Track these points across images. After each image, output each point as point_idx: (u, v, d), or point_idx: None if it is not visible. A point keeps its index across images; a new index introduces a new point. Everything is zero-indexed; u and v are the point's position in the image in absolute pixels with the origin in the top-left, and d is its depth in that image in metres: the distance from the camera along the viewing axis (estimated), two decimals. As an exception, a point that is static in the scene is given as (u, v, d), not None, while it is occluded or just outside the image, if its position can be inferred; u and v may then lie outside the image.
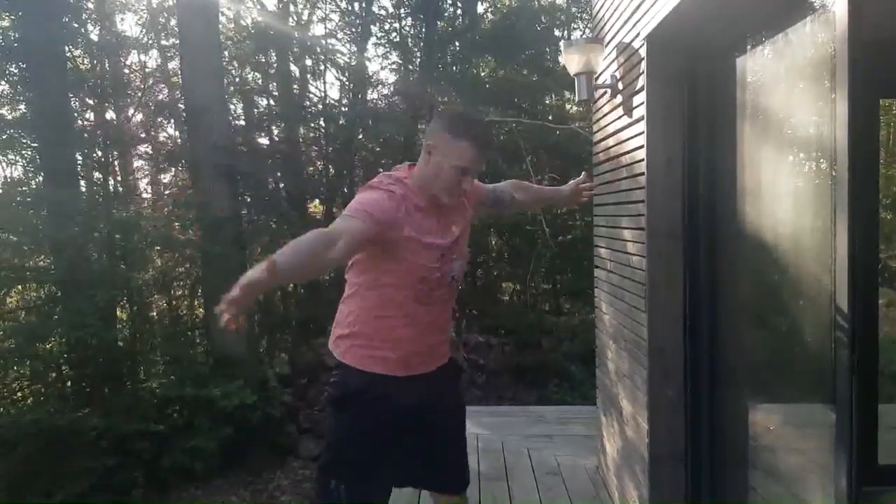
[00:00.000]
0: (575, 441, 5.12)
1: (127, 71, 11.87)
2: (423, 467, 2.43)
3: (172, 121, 11.78)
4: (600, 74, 3.71)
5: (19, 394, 9.00)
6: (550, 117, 12.01)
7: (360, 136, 12.20)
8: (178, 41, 10.49)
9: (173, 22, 11.30)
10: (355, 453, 2.27)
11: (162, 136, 12.37)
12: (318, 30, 13.91)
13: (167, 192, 12.41)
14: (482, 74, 13.00)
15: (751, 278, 2.69)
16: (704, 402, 2.94)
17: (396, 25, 13.37)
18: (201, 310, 11.16)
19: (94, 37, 10.90)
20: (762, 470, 2.63)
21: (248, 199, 11.00)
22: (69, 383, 9.01)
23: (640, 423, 3.21)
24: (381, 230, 2.07)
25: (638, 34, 3.02)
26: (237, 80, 12.22)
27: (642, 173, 3.02)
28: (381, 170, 10.91)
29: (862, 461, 1.96)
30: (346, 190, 12.35)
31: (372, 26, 13.06)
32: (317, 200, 12.51)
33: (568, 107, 13.54)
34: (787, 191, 2.44)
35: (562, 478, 4.43)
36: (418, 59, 12.89)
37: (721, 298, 2.84)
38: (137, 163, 12.76)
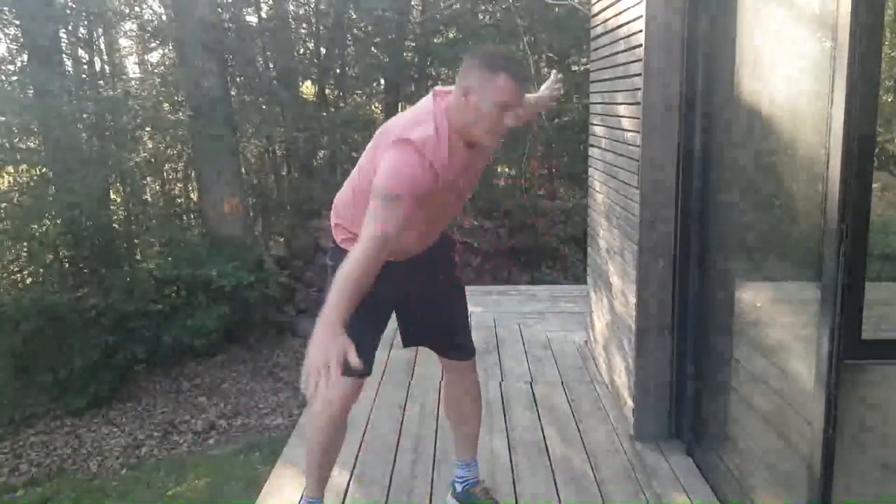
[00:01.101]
0: (565, 318, 5.25)
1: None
2: (430, 331, 2.56)
3: (157, -4, 11.36)
4: (600, -59, 3.55)
5: (17, 275, 9.11)
6: (549, -6, 11.59)
7: (352, 13, 11.80)
8: None
9: None
10: (361, 318, 2.31)
11: (147, 14, 11.96)
12: None
13: (155, 71, 12.12)
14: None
15: (745, 153, 2.68)
16: (693, 276, 2.99)
17: None
18: (195, 192, 11.13)
19: None
20: (747, 343, 2.70)
21: (238, 79, 10.76)
22: (66, 264, 9.09)
23: (628, 296, 3.28)
24: (419, 197, 2.00)
25: None
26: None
27: (640, 45, 2.94)
28: (374, 49, 10.54)
29: (845, 335, 2.01)
30: (337, 70, 12.07)
31: None
32: (308, 81, 12.24)
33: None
34: (786, 63, 2.40)
35: (551, 351, 4.57)
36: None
37: (714, 172, 2.83)
38: (123, 41, 12.40)
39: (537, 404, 3.74)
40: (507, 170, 12.84)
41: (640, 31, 2.92)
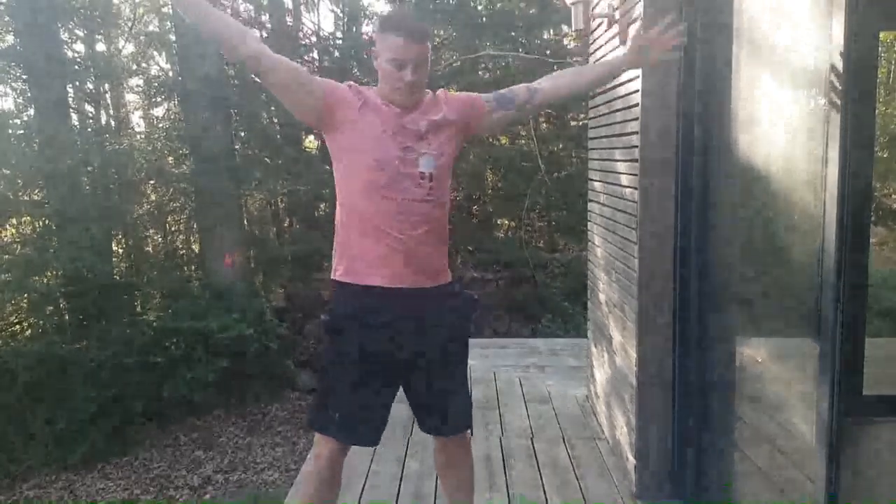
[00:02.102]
0: (566, 372, 5.22)
1: (116, 1, 11.61)
2: (421, 409, 2.44)
3: (164, 53, 11.58)
4: (597, 4, 3.65)
5: (17, 326, 9.09)
6: (548, 51, 11.84)
7: (355, 69, 12.02)
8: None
9: (163, -50, 11.01)
10: (351, 377, 2.27)
11: (154, 69, 12.19)
12: (311, -41, 13.55)
13: (160, 125, 12.29)
14: (479, 7, 12.74)
15: (742, 210, 2.71)
16: (693, 331, 2.99)
17: (392, -45, 13.04)
18: (197, 244, 11.18)
19: (81, -35, 10.62)
20: (748, 399, 2.69)
21: (242, 134, 10.90)
22: (66, 316, 9.07)
23: (628, 351, 3.27)
24: (330, 101, 2.21)
25: (636, -39, 2.96)
26: (229, 10, 11.95)
27: (637, 104, 3.00)
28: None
29: (846, 392, 2.01)
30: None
31: (367, -44, 12.76)
32: (311, 135, 12.40)
33: (566, 41, 13.31)
34: (781, 122, 2.44)
35: (552, 406, 4.54)
36: (413, -10, 12.61)
37: (712, 229, 2.86)
38: (129, 96, 12.62)
39: (538, 460, 3.70)
40: (506, 222, 12.93)
41: (637, 91, 2.99)
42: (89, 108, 10.68)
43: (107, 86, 11.13)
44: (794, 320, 2.40)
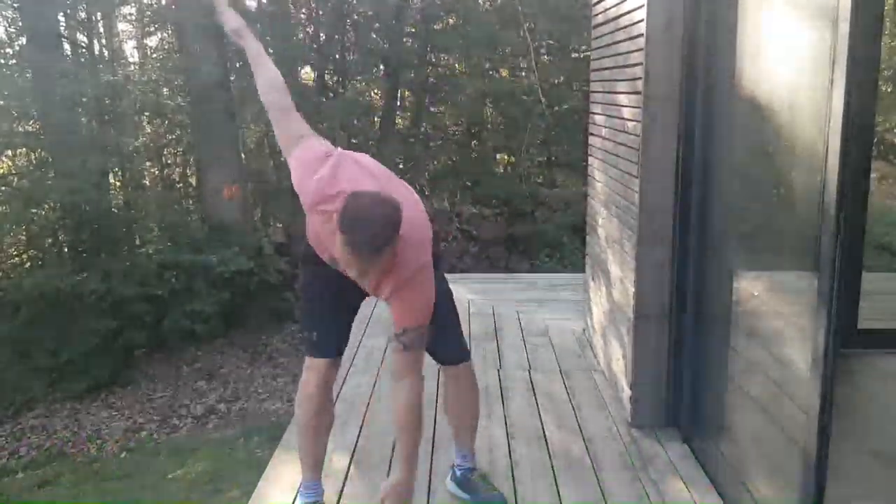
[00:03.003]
0: (564, 306, 5.26)
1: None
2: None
3: (157, -20, 11.29)
4: (603, -71, 3.55)
5: (17, 259, 9.12)
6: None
7: (352, -1, 11.77)
8: None
9: None
10: (314, 304, 2.50)
11: (146, -2, 11.89)
12: None
13: (154, 55, 12.08)
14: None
15: (744, 141, 2.69)
16: (691, 265, 3.00)
17: None
18: (194, 178, 11.12)
19: None
20: (744, 331, 2.72)
21: (238, 65, 10.71)
22: (66, 249, 9.09)
23: (626, 285, 3.30)
24: (304, 179, 2.12)
25: None
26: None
27: (641, 34, 2.95)
28: (374, 35, 10.54)
29: (842, 324, 2.02)
30: (337, 56, 12.03)
31: None
32: (308, 67, 12.20)
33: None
34: (787, 55, 2.40)
35: (549, 339, 4.59)
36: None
37: (714, 163, 2.85)
38: (122, 25, 12.34)
39: (535, 392, 3.76)
40: (505, 157, 12.85)
41: (642, 20, 2.93)
42: (82, 38, 10.46)
43: (99, 14, 10.87)
44: (792, 254, 2.41)
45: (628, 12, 3.18)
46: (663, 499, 2.72)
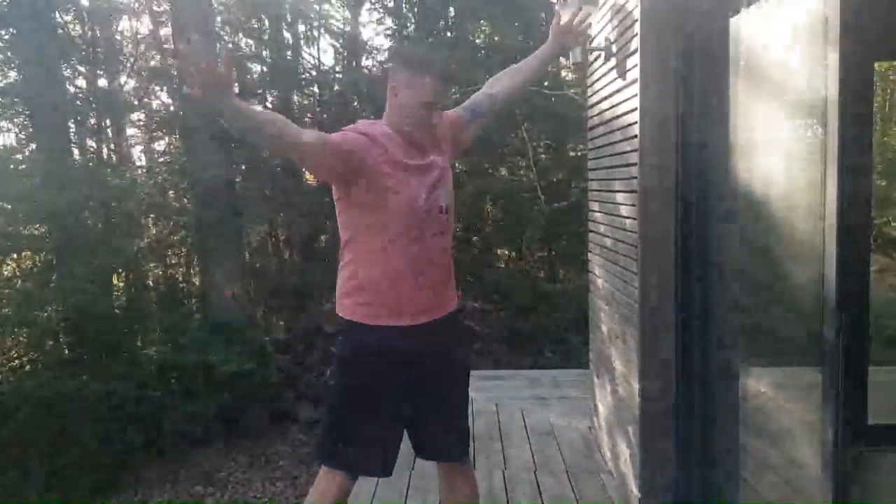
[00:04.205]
0: (569, 403, 5.18)
1: (118, 37, 11.75)
2: (426, 431, 2.46)
3: (165, 88, 11.68)
4: (595, 37, 3.69)
5: (17, 361, 9.05)
6: (546, 83, 11.92)
7: (355, 103, 12.11)
8: (169, 6, 10.37)
9: (165, -13, 11.17)
10: (362, 412, 2.29)
11: (155, 104, 12.29)
12: (311, -5, 13.74)
13: (161, 159, 12.36)
14: (477, 40, 12.87)
15: (742, 239, 2.72)
16: (696, 362, 2.98)
17: (391, -10, 13.21)
18: (197, 277, 11.17)
19: (84, 2, 10.77)
20: (753, 429, 2.67)
21: (243, 168, 10.96)
22: (66, 351, 9.04)
23: (631, 383, 3.26)
24: (354, 154, 2.13)
25: (632, -5, 3.00)
26: (230, 45, 12.09)
27: (635, 136, 3.02)
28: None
29: (850, 420, 1.99)
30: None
31: (366, -9, 12.92)
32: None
33: (563, 73, 13.44)
34: (781, 152, 2.46)
35: (555, 438, 4.50)
36: (413, 25, 12.74)
37: (712, 259, 2.86)
38: (131, 130, 12.71)
39: (541, 494, 3.66)
40: (506, 252, 12.93)
41: (636, 122, 3.01)
42: (91, 143, 10.75)
43: (108, 121, 11.21)
44: (797, 350, 2.39)
45: (622, 115, 3.27)
46: None
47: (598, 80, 3.80)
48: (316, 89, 12.34)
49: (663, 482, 3.13)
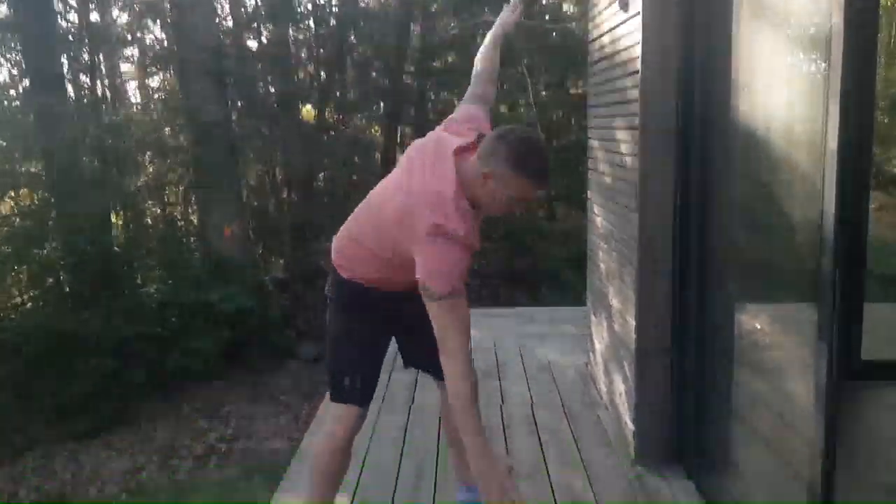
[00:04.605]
0: (566, 340, 5.24)
1: (109, -31, 11.46)
2: (425, 352, 2.50)
3: (158, 22, 11.47)
4: (597, -32, 3.60)
5: (18, 299, 9.11)
6: (547, 17, 11.71)
7: (352, 38, 11.91)
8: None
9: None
10: (360, 346, 2.38)
11: (148, 39, 12.08)
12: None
13: (156, 95, 12.22)
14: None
15: (742, 175, 2.70)
16: (692, 298, 3.00)
17: (389, -80, 12.84)
18: (195, 216, 11.16)
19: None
20: (746, 365, 2.70)
21: (239, 104, 10.83)
22: (67, 288, 9.09)
23: (627, 319, 3.28)
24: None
25: (636, -77, 2.92)
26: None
27: (637, 71, 2.98)
28: (374, 73, 10.63)
29: (843, 355, 2.01)
30: (337, 94, 12.15)
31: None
32: (308, 105, 12.32)
33: (564, 7, 13.20)
34: (782, 87, 2.42)
35: (552, 374, 4.56)
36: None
37: (712, 195, 2.85)
38: (125, 66, 12.52)
39: (538, 428, 3.73)
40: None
41: (637, 57, 2.96)
42: (85, 80, 10.60)
43: (101, 56, 11.03)
44: (793, 286, 2.40)
45: (623, 49, 3.22)
46: (669, 536, 2.68)
47: (600, 13, 3.72)
48: (312, 24, 12.11)
49: (658, 416, 3.19)
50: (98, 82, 11.15)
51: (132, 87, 13.21)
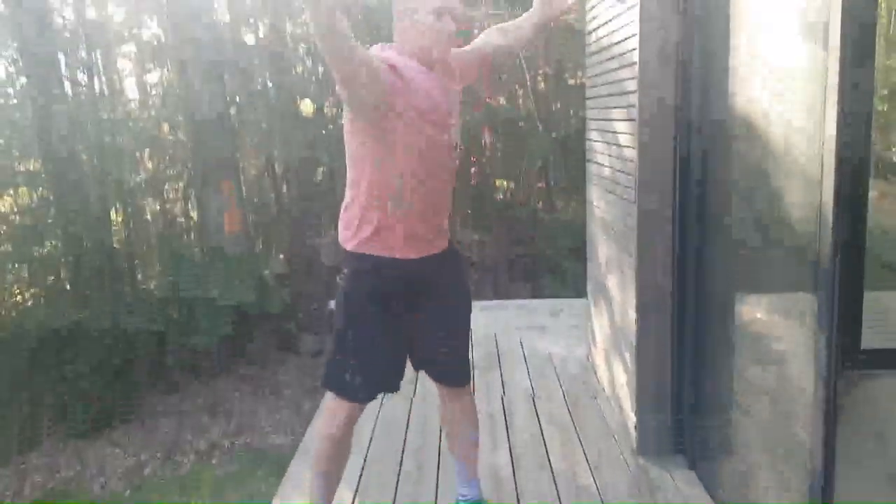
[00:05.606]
0: (567, 331, 5.25)
1: (105, -35, 11.41)
2: (428, 355, 2.51)
3: (155, 18, 11.42)
4: (594, -41, 3.59)
5: (19, 297, 9.12)
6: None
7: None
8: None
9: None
10: (367, 342, 2.33)
11: (145, 35, 12.01)
12: (302, -82, 13.28)
13: (153, 92, 12.18)
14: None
15: (741, 164, 2.70)
16: (692, 288, 3.00)
17: (384, -88, 12.79)
18: (195, 211, 11.15)
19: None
20: (747, 354, 2.70)
21: (237, 98, 10.80)
22: (67, 285, 9.09)
23: (627, 310, 3.29)
24: (387, 87, 2.06)
25: (632, -87, 2.91)
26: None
27: (634, 63, 2.97)
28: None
29: (844, 343, 2.02)
30: (336, 88, 12.10)
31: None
32: (307, 99, 12.28)
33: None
34: (780, 75, 2.42)
35: (553, 365, 4.57)
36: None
37: (711, 186, 2.85)
38: (122, 62, 12.46)
39: (540, 419, 3.74)
40: (505, 183, 12.88)
41: (635, 49, 2.95)
42: (82, 76, 10.56)
43: (98, 53, 10.99)
44: (793, 275, 2.40)
45: (621, 41, 3.21)
46: (671, 526, 2.69)
47: (595, 6, 3.71)
48: (309, 18, 12.05)
49: (658, 407, 3.20)
50: (96, 79, 11.11)
51: (130, 84, 13.16)
